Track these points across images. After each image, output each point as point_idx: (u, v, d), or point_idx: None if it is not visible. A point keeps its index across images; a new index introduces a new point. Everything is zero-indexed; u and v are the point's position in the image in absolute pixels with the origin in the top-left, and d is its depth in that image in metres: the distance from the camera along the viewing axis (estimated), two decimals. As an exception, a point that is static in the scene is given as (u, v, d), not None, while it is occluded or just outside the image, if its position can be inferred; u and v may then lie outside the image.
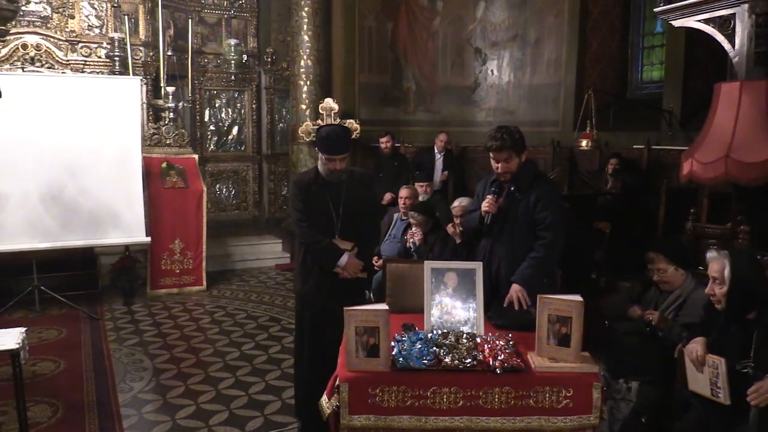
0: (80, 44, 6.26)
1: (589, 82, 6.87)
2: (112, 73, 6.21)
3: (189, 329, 4.81)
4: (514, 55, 7.71)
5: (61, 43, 6.17)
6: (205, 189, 6.02)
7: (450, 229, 4.18)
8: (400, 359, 2.17)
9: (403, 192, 4.68)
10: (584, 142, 6.06)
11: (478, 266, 2.45)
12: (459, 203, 3.98)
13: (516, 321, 2.52)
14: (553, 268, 2.87)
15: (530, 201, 2.75)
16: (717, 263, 2.38)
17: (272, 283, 6.28)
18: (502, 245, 2.80)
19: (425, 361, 2.16)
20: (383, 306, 2.18)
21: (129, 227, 5.31)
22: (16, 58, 5.97)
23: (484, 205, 2.80)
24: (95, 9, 6.35)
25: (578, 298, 2.14)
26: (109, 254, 5.82)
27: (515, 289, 2.68)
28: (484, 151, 2.89)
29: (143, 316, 5.14)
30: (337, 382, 2.13)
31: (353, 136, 6.53)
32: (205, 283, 5.95)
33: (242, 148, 7.89)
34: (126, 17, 6.34)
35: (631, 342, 2.89)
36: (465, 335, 2.32)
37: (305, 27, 6.91)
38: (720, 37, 3.75)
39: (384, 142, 6.58)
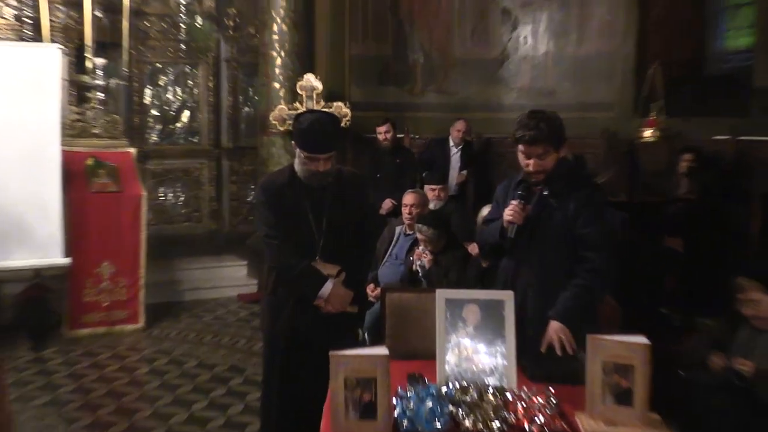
0: (-22, 2, 6.26)
1: (653, 53, 6.88)
2: (22, 39, 6.21)
3: (120, 382, 4.76)
4: (553, 17, 7.75)
5: (-50, -1, 6.17)
6: (145, 194, 6.00)
7: (475, 249, 4.18)
8: (405, 422, 2.16)
9: (408, 198, 4.70)
10: (648, 132, 6.08)
11: (507, 296, 2.45)
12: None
13: (559, 371, 2.52)
14: (600, 301, 2.88)
15: (569, 210, 2.78)
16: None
17: (233, 319, 6.28)
18: (530, 268, 2.82)
19: (438, 425, 2.14)
20: (381, 350, 2.19)
21: (41, 245, 5.25)
22: None
23: (507, 214, 2.80)
24: (0, -46, 6.37)
25: (643, 340, 2.15)
26: (12, 281, 5.74)
27: (555, 328, 2.69)
28: (514, 144, 2.87)
29: (57, 365, 5.07)
30: (318, 454, 2.10)
31: (343, 125, 6.56)
32: (142, 320, 5.93)
33: (195, 140, 7.87)
34: (41, -34, 6.36)
35: (716, 400, 2.86)
36: (491, 390, 2.31)
37: (280, -19, 6.93)
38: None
39: (383, 133, 6.62)
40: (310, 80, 6.77)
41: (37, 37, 6.26)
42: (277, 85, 6.95)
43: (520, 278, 2.83)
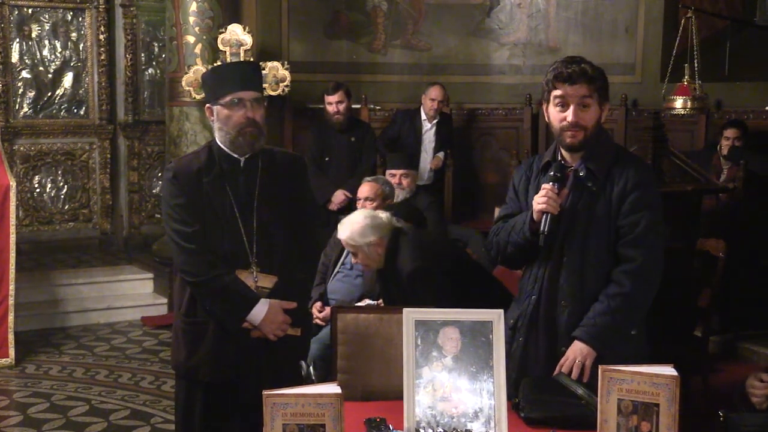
0: None
1: (687, 0, 6.96)
2: None
3: (-20, 438, 4.72)
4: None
5: None
6: (13, 184, 5.91)
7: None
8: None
9: (364, 189, 4.72)
10: (679, 102, 6.11)
11: (496, 316, 2.46)
12: None
13: (563, 411, 2.55)
14: (644, 316, 2.92)
15: (615, 193, 2.82)
16: None
17: (136, 350, 6.25)
18: (567, 275, 2.86)
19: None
20: (332, 388, 2.21)
21: None
22: None
23: (539, 201, 2.79)
24: None
25: (670, 371, 2.17)
26: None
27: (579, 350, 2.74)
28: (507, 119, 2.93)
29: None
30: None
31: (280, 91, 6.56)
32: (12, 353, 5.83)
33: (81, 113, 7.83)
34: None
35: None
36: (475, 438, 2.31)
37: None
38: None
39: (333, 103, 6.62)
40: (236, 32, 6.71)
41: None
42: (191, 39, 6.88)
43: (555, 289, 2.85)
